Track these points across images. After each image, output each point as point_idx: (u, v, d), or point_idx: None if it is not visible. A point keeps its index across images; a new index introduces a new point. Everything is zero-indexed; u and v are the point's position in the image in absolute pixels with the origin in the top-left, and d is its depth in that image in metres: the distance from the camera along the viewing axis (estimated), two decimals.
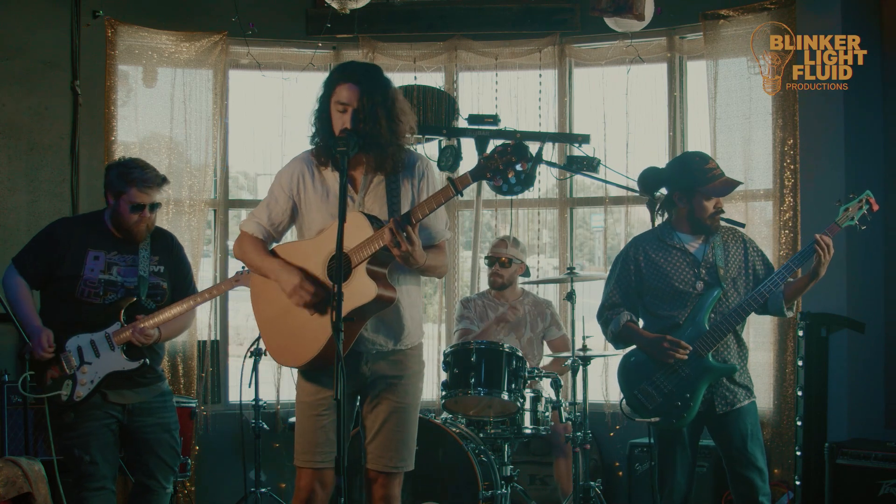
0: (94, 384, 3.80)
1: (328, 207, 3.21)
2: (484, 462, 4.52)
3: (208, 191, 6.04)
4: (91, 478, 3.80)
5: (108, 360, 3.82)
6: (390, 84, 3.21)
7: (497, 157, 2.95)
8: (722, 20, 5.62)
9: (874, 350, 5.17)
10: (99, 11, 5.74)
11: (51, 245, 3.91)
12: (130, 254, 3.93)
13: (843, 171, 5.19)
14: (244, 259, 3.35)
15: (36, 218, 5.64)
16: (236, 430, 5.69)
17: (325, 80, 3.22)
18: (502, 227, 6.12)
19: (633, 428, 5.15)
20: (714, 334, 3.79)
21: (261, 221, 3.31)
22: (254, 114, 6.32)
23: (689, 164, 3.94)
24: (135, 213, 3.87)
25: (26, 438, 4.47)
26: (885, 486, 4.39)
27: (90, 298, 3.85)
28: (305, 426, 3.23)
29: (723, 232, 3.97)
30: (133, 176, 3.85)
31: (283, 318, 3.22)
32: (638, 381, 3.91)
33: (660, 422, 3.85)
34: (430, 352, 6.17)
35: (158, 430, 3.97)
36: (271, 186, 3.33)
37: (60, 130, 5.73)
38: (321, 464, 3.20)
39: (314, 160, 3.25)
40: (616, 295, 4.00)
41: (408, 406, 3.28)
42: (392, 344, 3.24)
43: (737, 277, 3.91)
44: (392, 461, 3.24)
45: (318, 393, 3.21)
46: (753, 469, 3.78)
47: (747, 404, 3.86)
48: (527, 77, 6.15)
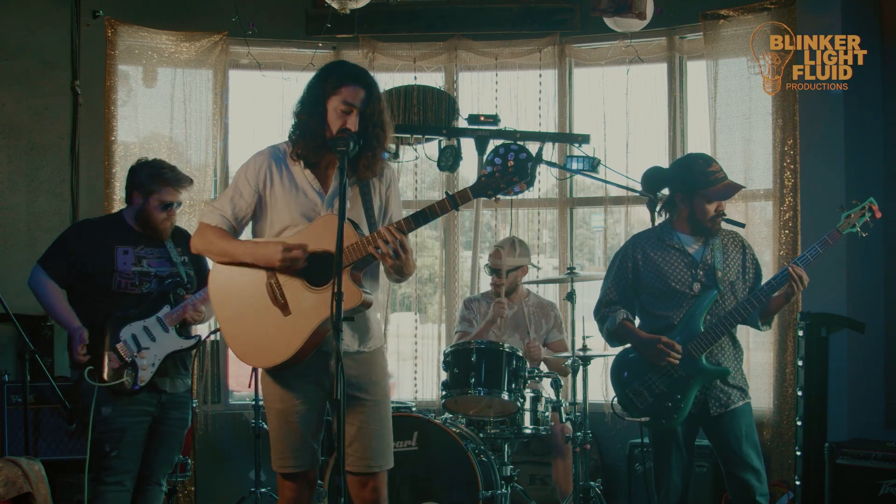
0: (156, 367, 3.90)
1: (297, 205, 3.16)
2: (484, 462, 4.52)
3: (208, 191, 6.04)
4: (111, 471, 3.84)
5: (164, 341, 3.92)
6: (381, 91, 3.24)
7: (499, 176, 2.99)
8: (722, 20, 5.62)
9: (874, 350, 5.17)
10: (99, 11, 5.74)
11: (75, 244, 4.00)
12: (157, 247, 4.05)
13: (843, 171, 5.19)
14: (209, 249, 3.21)
15: (36, 218, 5.65)
16: (236, 429, 5.70)
17: (322, 77, 3.17)
18: (502, 228, 6.12)
19: (633, 428, 5.13)
20: (708, 336, 3.79)
21: (224, 213, 3.20)
22: (254, 114, 6.32)
23: (691, 166, 3.94)
24: (164, 211, 4.01)
25: (26, 438, 4.47)
26: (885, 486, 4.39)
27: (128, 289, 3.95)
28: (281, 432, 3.22)
29: (723, 235, 3.97)
30: (166, 176, 4.02)
31: (251, 316, 3.14)
32: (630, 381, 3.92)
33: (650, 422, 3.86)
34: (430, 352, 6.18)
35: (177, 425, 4.06)
36: (235, 179, 3.25)
37: (60, 130, 5.73)
38: (301, 467, 3.22)
39: (285, 154, 3.20)
40: (613, 292, 4.00)
41: (382, 405, 3.27)
42: (357, 345, 3.23)
43: (734, 281, 3.91)
44: (376, 461, 3.24)
45: (288, 399, 3.18)
46: (749, 470, 3.79)
47: (742, 405, 3.86)
48: (527, 77, 6.15)
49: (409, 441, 4.54)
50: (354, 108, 3.10)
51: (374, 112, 3.13)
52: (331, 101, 3.12)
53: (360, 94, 3.11)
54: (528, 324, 5.37)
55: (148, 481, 3.99)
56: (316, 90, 3.15)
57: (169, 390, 3.98)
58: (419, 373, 6.19)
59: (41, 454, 4.77)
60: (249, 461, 5.30)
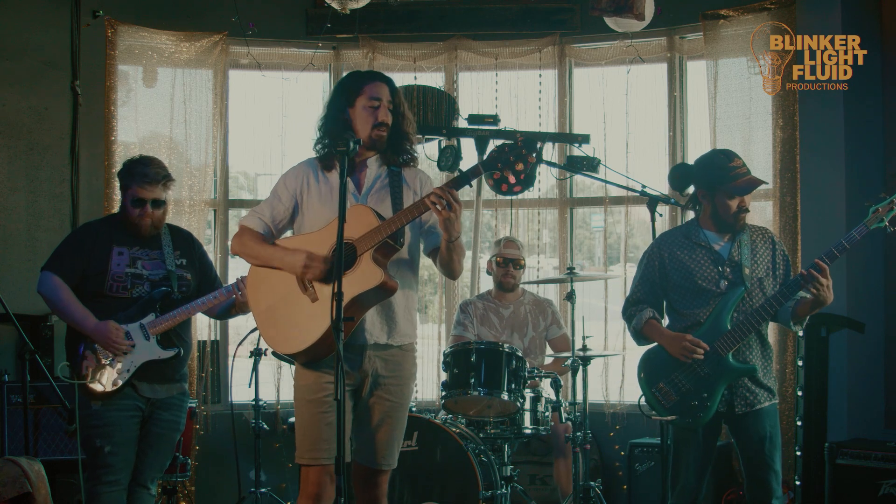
0: (130, 373, 3.86)
1: (332, 206, 3.26)
2: (484, 462, 4.52)
3: (208, 191, 6.04)
4: (107, 469, 3.81)
5: (143, 349, 3.89)
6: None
7: (508, 150, 3.10)
8: (722, 20, 5.62)
9: (874, 350, 5.18)
10: (99, 11, 5.74)
11: (78, 244, 3.99)
12: (154, 249, 4.02)
13: (843, 171, 5.19)
14: (244, 251, 3.39)
15: (36, 218, 5.65)
16: (236, 429, 5.69)
17: (342, 87, 3.39)
18: (502, 227, 6.12)
19: (633, 428, 5.16)
20: (735, 334, 3.75)
21: (263, 217, 3.40)
22: (254, 114, 6.32)
23: (713, 162, 3.91)
24: (136, 207, 3.95)
25: (26, 438, 4.47)
26: (885, 486, 4.40)
27: (119, 293, 3.92)
28: (310, 423, 3.25)
29: (752, 231, 3.93)
30: (135, 171, 3.97)
31: (282, 308, 3.27)
32: (657, 379, 3.89)
33: (676, 420, 3.82)
34: (430, 352, 6.18)
35: (168, 427, 4.00)
36: (275, 187, 3.45)
37: (60, 130, 5.73)
38: (328, 460, 3.22)
39: (319, 165, 3.39)
40: (640, 291, 4.00)
41: (402, 407, 3.37)
42: (385, 337, 3.30)
43: (763, 277, 3.86)
44: (385, 459, 3.33)
45: (320, 390, 3.23)
46: (770, 471, 3.76)
47: (768, 406, 3.82)
48: (527, 77, 6.15)
49: (409, 441, 4.54)
50: (382, 100, 3.30)
51: (399, 103, 3.36)
52: (357, 102, 3.31)
53: (384, 88, 3.33)
54: (527, 323, 5.37)
55: (135, 482, 3.93)
56: (338, 100, 3.37)
57: (150, 395, 3.92)
58: (419, 373, 6.18)
59: (41, 454, 4.77)
60: (249, 461, 5.30)
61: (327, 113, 3.37)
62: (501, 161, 3.10)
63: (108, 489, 3.82)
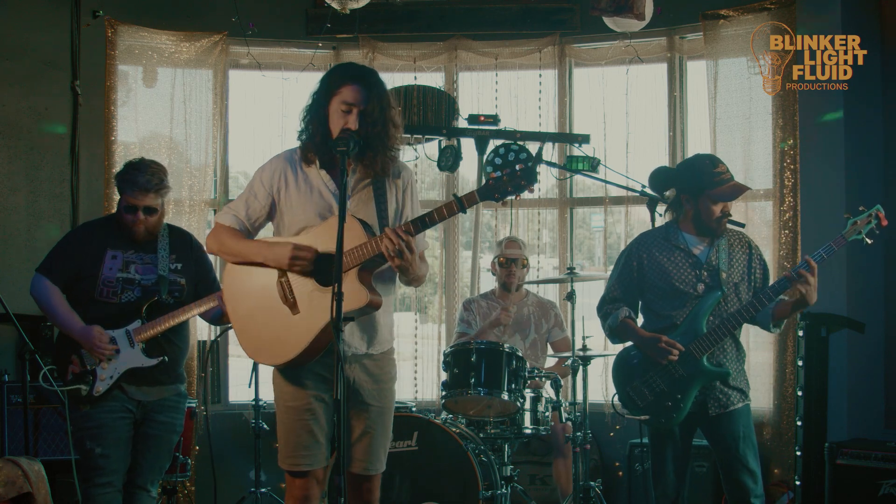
0: (114, 380, 3.85)
1: (312, 206, 3.19)
2: (484, 462, 4.52)
3: (208, 191, 6.04)
4: (100, 472, 3.81)
5: (127, 356, 3.88)
6: (387, 90, 3.23)
7: (507, 179, 2.98)
8: (722, 20, 5.62)
9: (874, 350, 5.17)
10: (99, 11, 5.74)
11: (72, 246, 3.97)
12: (149, 252, 3.99)
13: (843, 171, 5.19)
14: (222, 249, 3.25)
15: (36, 218, 5.65)
16: (236, 430, 5.69)
17: (325, 79, 3.20)
18: (502, 227, 6.12)
19: (633, 428, 5.14)
20: (711, 337, 3.80)
21: (238, 215, 3.27)
22: (254, 114, 6.32)
23: (697, 167, 3.94)
24: (128, 214, 3.94)
25: (26, 438, 4.47)
26: (885, 486, 4.39)
27: (108, 298, 3.90)
28: (291, 429, 3.22)
29: (729, 235, 3.97)
30: (127, 178, 3.93)
31: (261, 315, 3.17)
32: (631, 379, 3.93)
33: (649, 420, 3.87)
34: (430, 352, 6.18)
35: (165, 429, 3.99)
36: (251, 182, 3.30)
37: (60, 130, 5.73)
38: (311, 466, 3.22)
39: (298, 158, 3.24)
40: (617, 290, 4.02)
41: (386, 410, 3.31)
42: (365, 347, 3.24)
43: (739, 283, 3.91)
44: (373, 465, 3.29)
45: (301, 397, 3.19)
46: (745, 471, 3.80)
47: (741, 407, 3.87)
48: (527, 77, 6.15)
49: (409, 441, 4.54)
50: (354, 107, 3.11)
51: (375, 110, 3.11)
52: (332, 102, 3.14)
53: (359, 93, 3.11)
54: (529, 324, 5.37)
55: (133, 484, 3.94)
56: (318, 94, 3.19)
57: (140, 398, 3.92)
58: (419, 373, 6.19)
59: (41, 454, 4.77)
60: (249, 461, 5.29)
61: (311, 104, 3.21)
62: (500, 192, 2.99)
63: (100, 491, 3.82)
